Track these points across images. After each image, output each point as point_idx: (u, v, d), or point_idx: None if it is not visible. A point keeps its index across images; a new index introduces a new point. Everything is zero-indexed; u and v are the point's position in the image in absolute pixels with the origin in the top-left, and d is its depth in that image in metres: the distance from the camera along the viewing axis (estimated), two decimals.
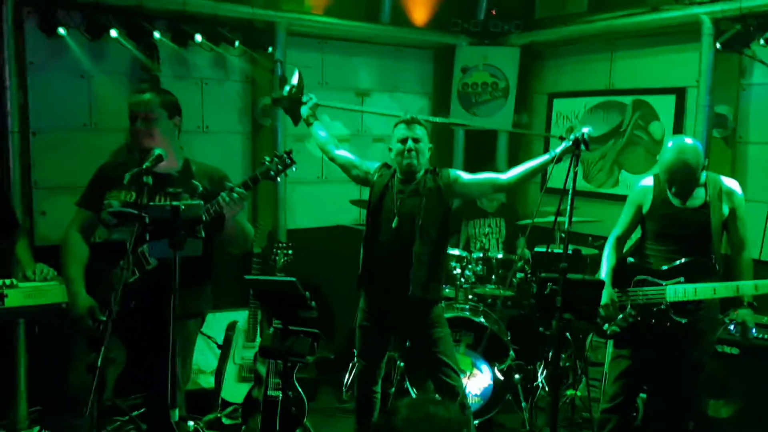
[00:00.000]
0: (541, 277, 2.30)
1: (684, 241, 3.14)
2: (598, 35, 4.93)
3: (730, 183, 3.17)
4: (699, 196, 3.14)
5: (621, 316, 3.13)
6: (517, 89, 5.38)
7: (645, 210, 3.26)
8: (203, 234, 2.53)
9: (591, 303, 2.33)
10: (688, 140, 3.10)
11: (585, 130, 2.93)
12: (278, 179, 3.07)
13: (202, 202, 2.53)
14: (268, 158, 3.03)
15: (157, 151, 2.65)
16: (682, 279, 3.10)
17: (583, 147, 2.77)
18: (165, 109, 2.88)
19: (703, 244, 3.12)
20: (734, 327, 3.65)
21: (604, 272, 3.24)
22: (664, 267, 3.15)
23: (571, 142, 2.90)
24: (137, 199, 2.88)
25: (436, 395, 3.45)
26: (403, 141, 3.41)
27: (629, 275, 3.21)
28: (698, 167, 3.05)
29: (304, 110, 3.75)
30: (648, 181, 3.28)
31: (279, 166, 3.00)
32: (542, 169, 3.27)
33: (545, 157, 3.21)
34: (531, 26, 5.36)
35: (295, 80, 3.79)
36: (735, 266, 3.13)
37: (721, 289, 3.03)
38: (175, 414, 2.55)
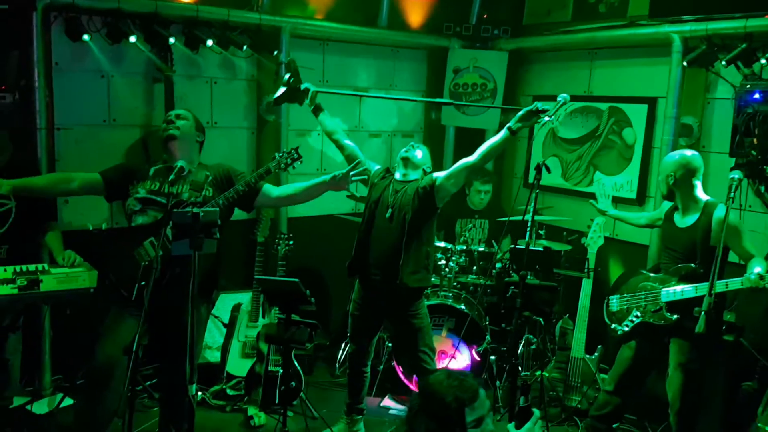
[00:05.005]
0: (505, 282, 2.72)
1: (677, 255, 3.60)
2: (580, 44, 5.30)
3: (722, 211, 3.42)
4: (692, 218, 3.57)
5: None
6: (504, 91, 5.73)
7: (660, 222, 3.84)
8: (218, 235, 2.94)
9: (546, 303, 2.76)
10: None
11: (562, 98, 3.37)
12: (287, 171, 3.59)
13: (218, 209, 2.92)
14: (278, 153, 3.55)
15: (179, 164, 3.05)
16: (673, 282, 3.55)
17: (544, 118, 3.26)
18: (198, 129, 3.47)
19: (691, 259, 3.53)
20: None
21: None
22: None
23: (524, 112, 3.40)
24: (160, 188, 3.33)
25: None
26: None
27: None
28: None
29: (307, 102, 4.11)
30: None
31: (288, 160, 3.52)
32: (504, 144, 3.58)
33: (503, 132, 3.56)
34: (519, 32, 5.69)
35: (291, 69, 4.13)
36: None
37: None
38: (193, 389, 2.98)
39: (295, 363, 4.24)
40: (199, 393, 4.45)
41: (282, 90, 4.13)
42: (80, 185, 3.45)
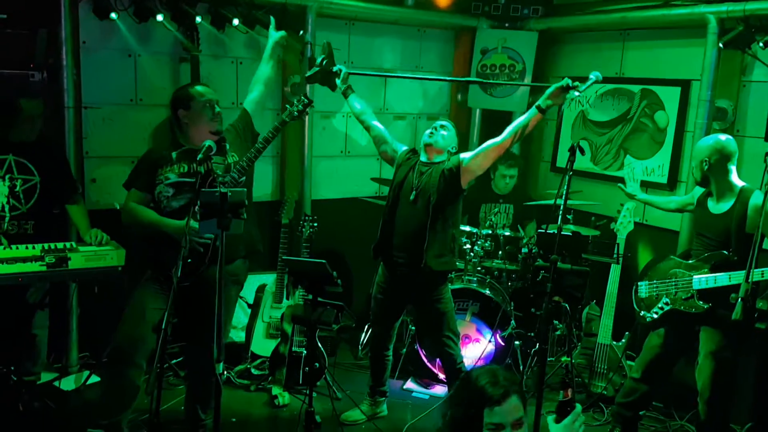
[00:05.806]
0: (535, 266, 2.67)
1: (710, 242, 3.52)
2: (612, 25, 5.17)
3: (759, 198, 3.32)
4: (726, 205, 3.48)
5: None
6: (533, 72, 5.62)
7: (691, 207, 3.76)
8: (245, 216, 2.93)
9: (577, 288, 2.71)
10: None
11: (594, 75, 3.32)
12: (303, 117, 3.69)
13: (245, 190, 2.90)
14: (288, 104, 3.60)
15: (207, 143, 3.03)
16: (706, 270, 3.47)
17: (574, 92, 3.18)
18: None
19: (724, 246, 3.45)
20: None
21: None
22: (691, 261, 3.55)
23: (553, 89, 3.32)
24: (190, 170, 3.32)
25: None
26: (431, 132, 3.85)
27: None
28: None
29: (339, 82, 4.06)
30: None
31: (300, 106, 3.53)
32: (532, 123, 3.51)
33: (531, 110, 3.50)
34: (549, 12, 5.55)
35: (325, 52, 4.09)
36: None
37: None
38: (220, 367, 2.98)
39: (319, 344, 4.25)
40: (224, 372, 4.47)
41: (315, 71, 4.09)
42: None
